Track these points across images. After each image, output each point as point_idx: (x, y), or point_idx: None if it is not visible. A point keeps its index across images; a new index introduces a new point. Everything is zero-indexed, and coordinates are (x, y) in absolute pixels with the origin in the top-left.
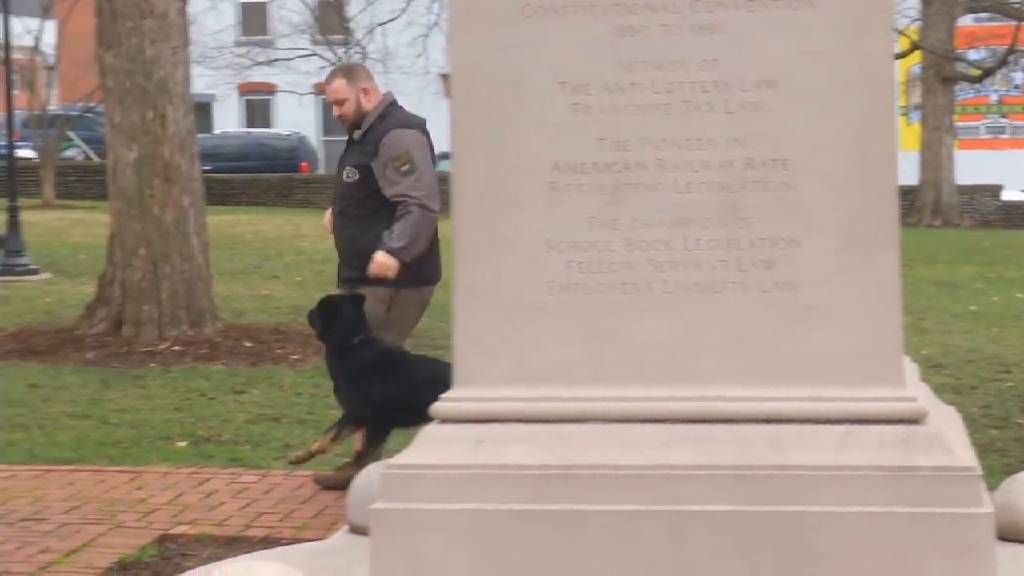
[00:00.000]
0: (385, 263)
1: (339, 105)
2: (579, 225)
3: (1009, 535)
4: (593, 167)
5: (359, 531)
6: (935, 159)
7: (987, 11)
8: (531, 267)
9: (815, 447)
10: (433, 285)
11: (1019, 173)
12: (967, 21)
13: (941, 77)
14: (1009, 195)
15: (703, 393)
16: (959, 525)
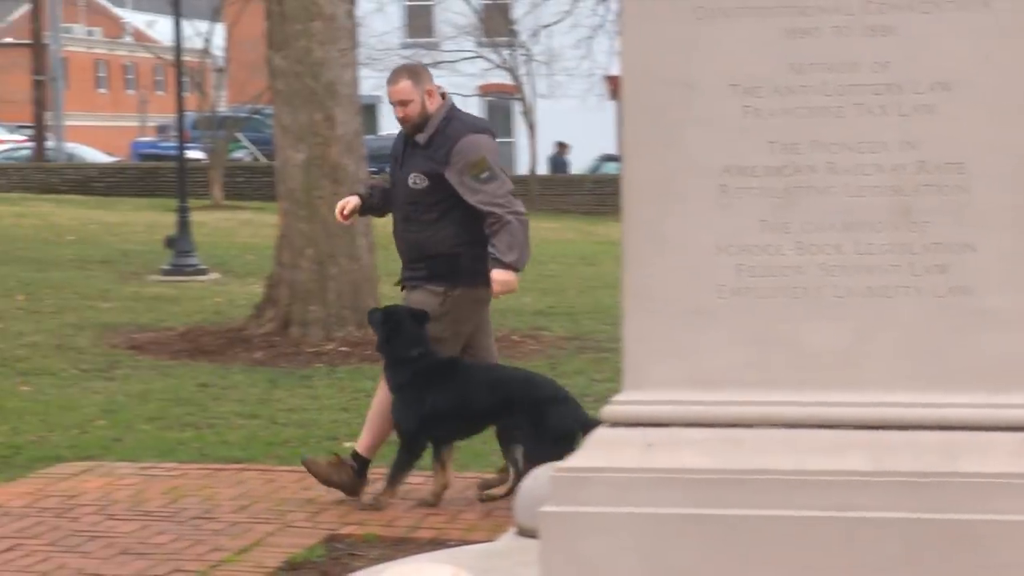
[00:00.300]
0: (505, 279)
1: (403, 106)
2: (749, 228)
3: None
4: (764, 170)
5: (527, 534)
6: None
7: None
8: (701, 270)
9: (990, 454)
10: (488, 285)
11: None
12: None
13: None
14: None
15: (875, 399)
16: None
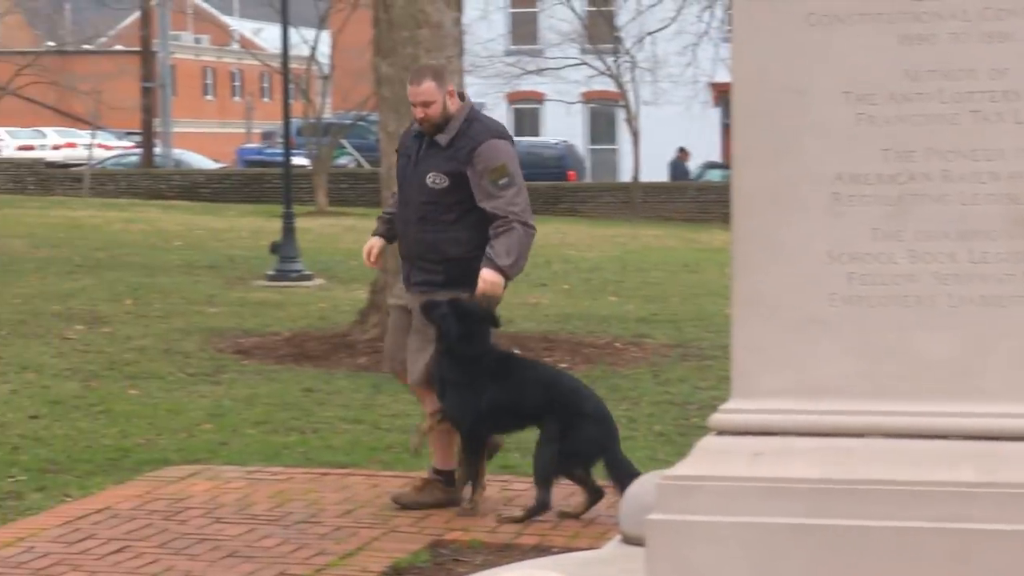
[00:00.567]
0: (494, 280)
1: (425, 107)
2: (861, 236)
3: None
4: (877, 178)
5: (632, 541)
6: None
7: None
8: (812, 278)
9: None
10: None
11: None
12: None
13: None
14: None
15: (988, 409)
16: None
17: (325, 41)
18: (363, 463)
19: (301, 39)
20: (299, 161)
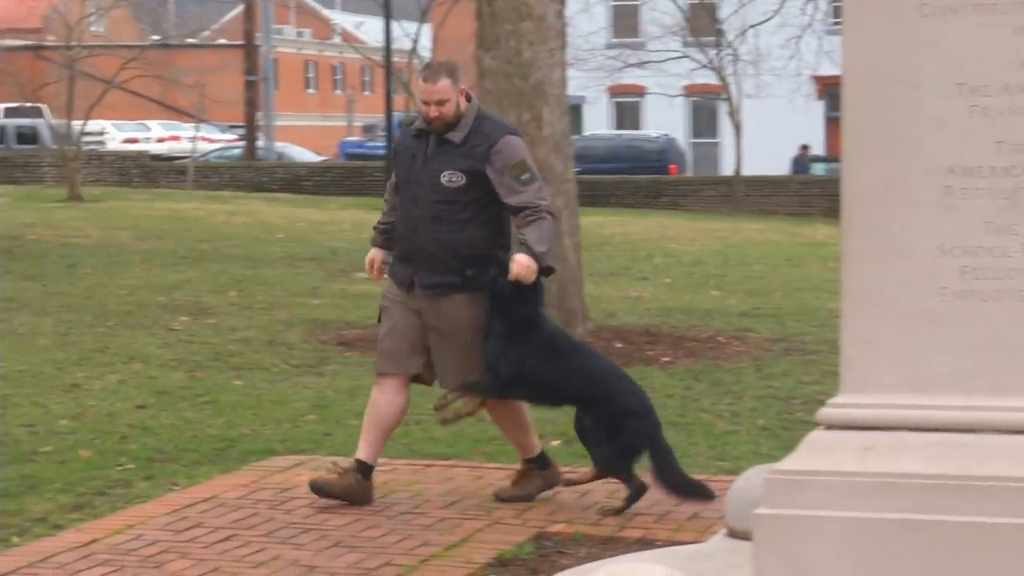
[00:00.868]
0: (528, 264)
1: (440, 105)
2: (974, 230)
3: None
4: (991, 171)
5: (737, 535)
6: None
7: None
8: (924, 273)
9: None
10: None
11: None
12: None
13: None
14: None
15: None
16: None
17: (427, 34)
18: (466, 455)
19: (403, 32)
20: None
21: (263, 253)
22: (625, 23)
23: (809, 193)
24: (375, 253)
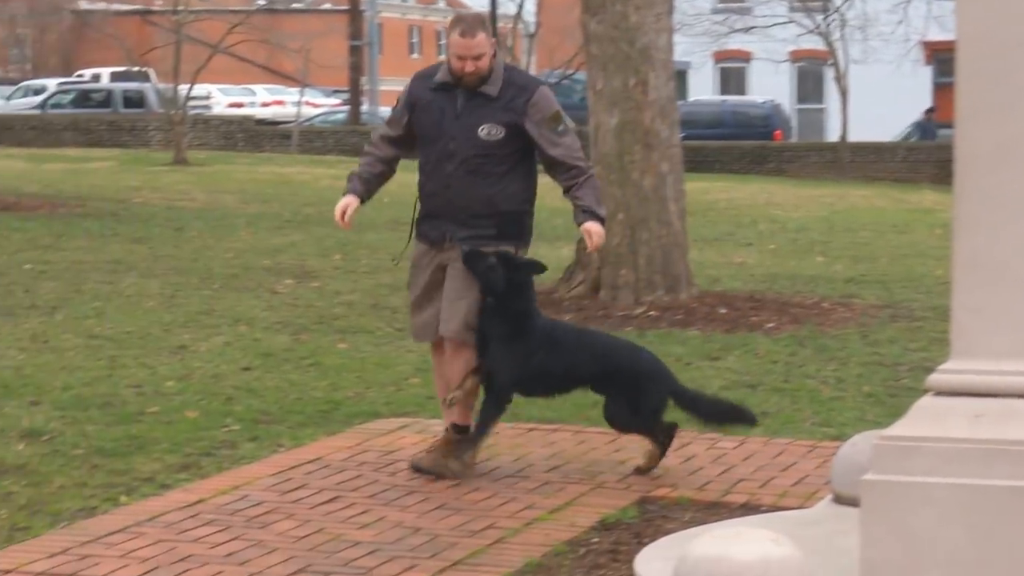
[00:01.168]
0: (601, 232)
1: (475, 60)
2: None
3: None
4: None
5: (844, 501)
6: None
7: None
8: None
9: None
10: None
11: None
12: None
13: None
14: None
15: None
16: None
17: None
18: (569, 419)
19: None
20: None
21: (367, 217)
22: None
23: (916, 159)
24: (351, 200)
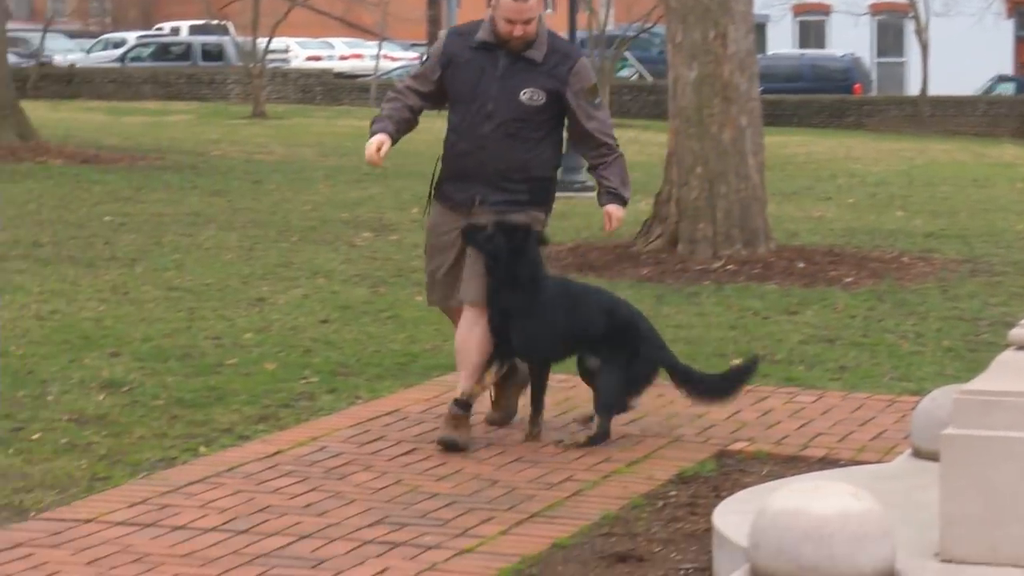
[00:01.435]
0: (621, 217)
1: (525, 25)
2: None
3: None
4: None
5: (923, 456)
6: None
7: None
8: None
9: None
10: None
11: None
12: None
13: None
14: None
15: None
16: None
17: None
18: None
19: None
20: None
21: None
22: None
23: (997, 113)
24: (384, 138)
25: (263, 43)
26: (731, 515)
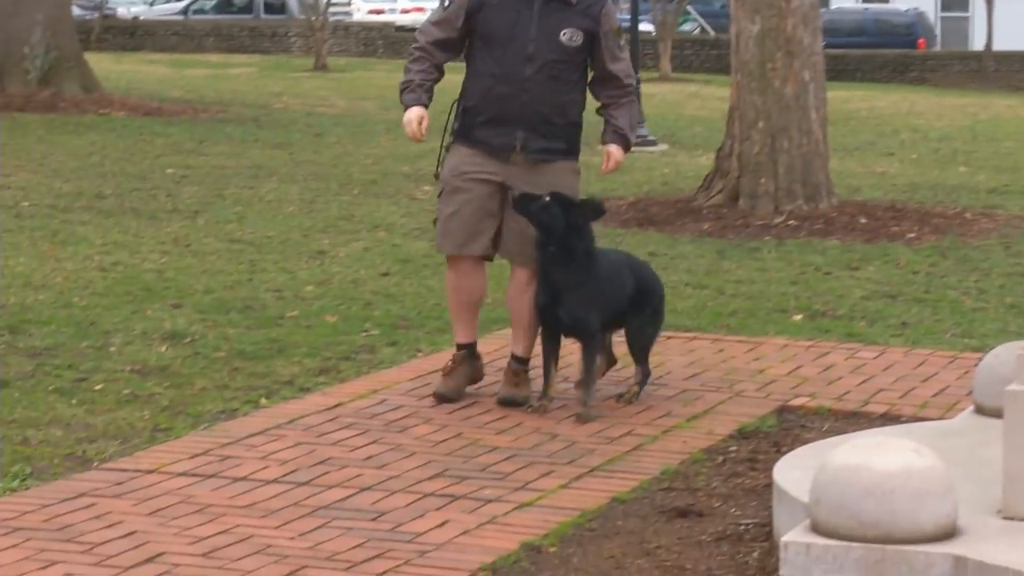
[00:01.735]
0: (621, 160)
1: None
2: None
3: None
4: None
5: (986, 412)
6: None
7: None
8: None
9: None
10: None
11: None
12: None
13: None
14: None
15: None
16: None
17: None
18: (708, 328)
19: None
20: (644, 27)
21: None
22: None
23: None
24: (422, 112)
25: None
26: (792, 471)
